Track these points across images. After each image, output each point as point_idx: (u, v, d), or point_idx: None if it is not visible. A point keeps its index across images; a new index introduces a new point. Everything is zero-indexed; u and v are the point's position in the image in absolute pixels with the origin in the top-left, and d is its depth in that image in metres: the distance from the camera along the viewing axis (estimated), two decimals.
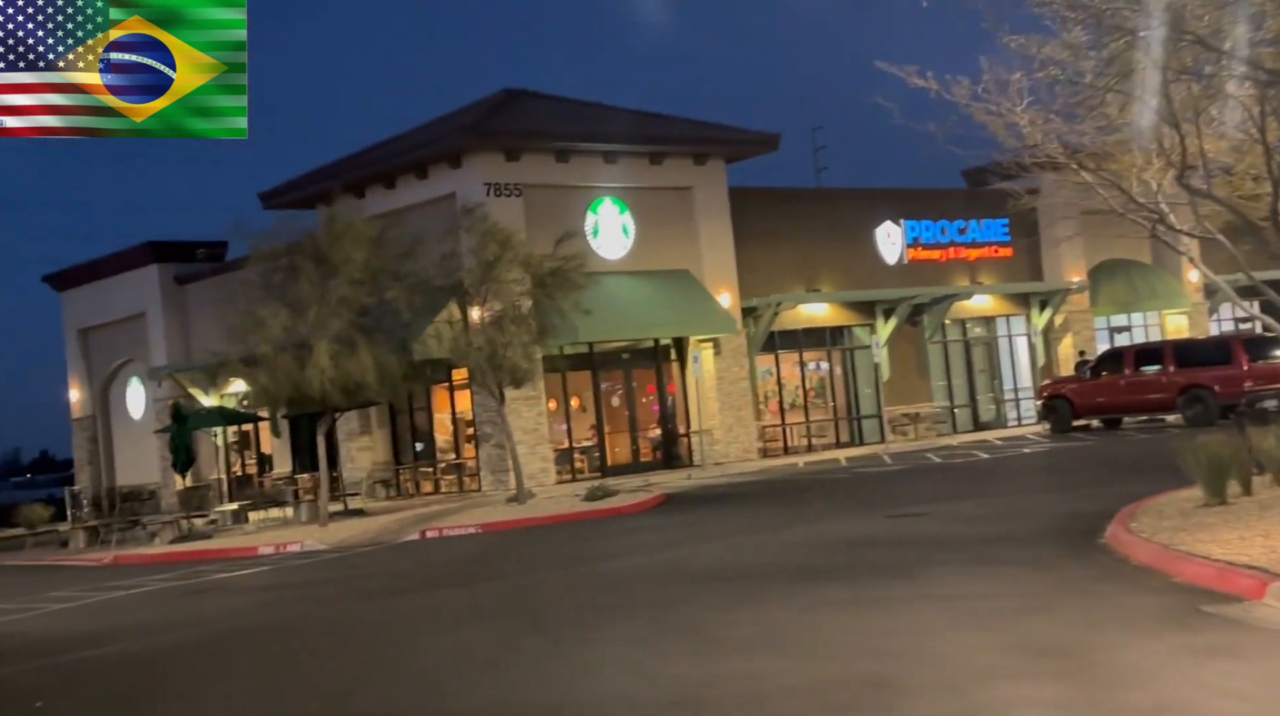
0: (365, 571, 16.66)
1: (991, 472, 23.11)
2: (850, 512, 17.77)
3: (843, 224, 34.80)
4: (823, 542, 14.41)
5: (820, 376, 35.04)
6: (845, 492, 21.57)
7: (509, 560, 16.40)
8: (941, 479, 22.57)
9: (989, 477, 22.15)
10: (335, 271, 22.60)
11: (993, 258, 37.38)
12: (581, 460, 31.46)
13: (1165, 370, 29.99)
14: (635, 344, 31.91)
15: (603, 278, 30.16)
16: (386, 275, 23.46)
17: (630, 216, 31.02)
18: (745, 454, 32.12)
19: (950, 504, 17.59)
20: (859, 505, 18.89)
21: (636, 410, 31.90)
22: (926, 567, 11.45)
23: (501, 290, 23.66)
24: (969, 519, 15.60)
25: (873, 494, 20.75)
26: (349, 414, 31.75)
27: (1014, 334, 37.96)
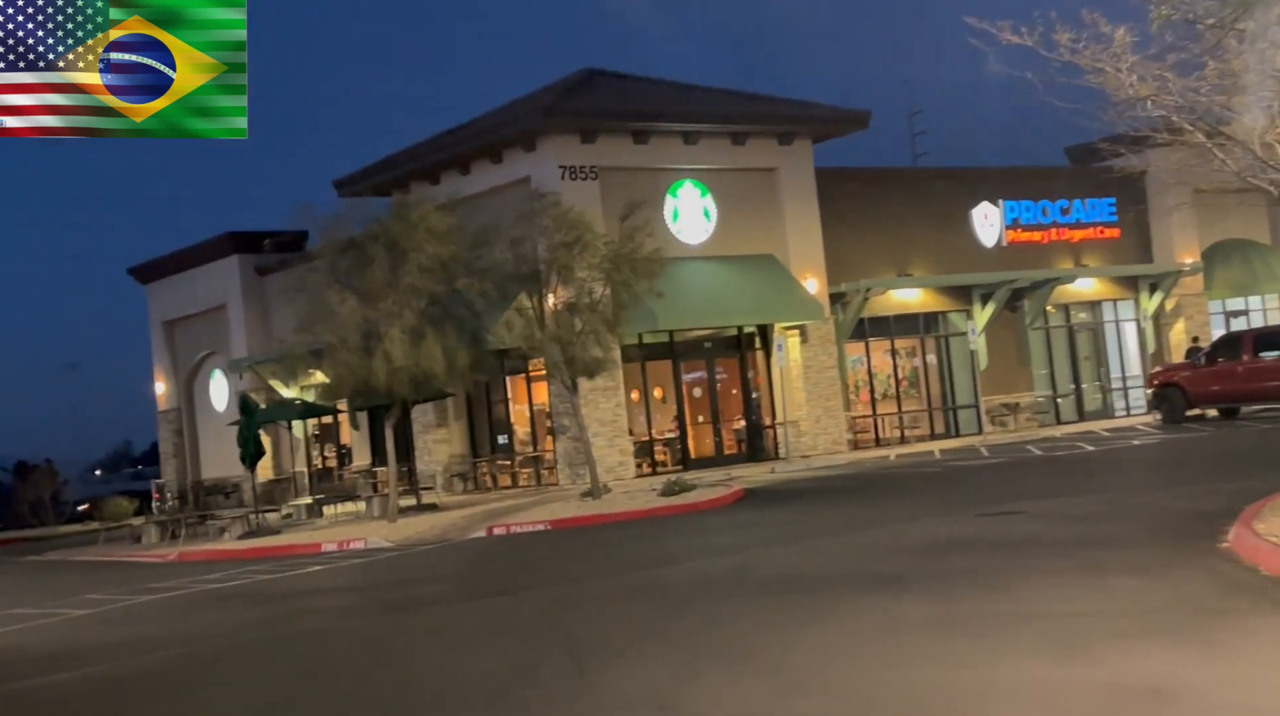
0: (412, 575, 15.74)
1: (1097, 466, 21.49)
2: (940, 510, 16.39)
3: (936, 205, 33.15)
4: (906, 545, 13.10)
5: (913, 365, 33.46)
6: (937, 488, 20.15)
7: (565, 562, 15.35)
8: (1042, 473, 21.02)
9: (1094, 472, 20.55)
10: (405, 259, 21.76)
11: (1098, 239, 35.39)
12: (663, 453, 30.36)
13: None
14: (718, 332, 30.70)
15: (683, 264, 29.04)
16: (458, 264, 22.57)
17: (712, 199, 29.79)
18: (834, 446, 30.73)
19: (1050, 501, 16.12)
20: (950, 502, 17.49)
21: (720, 401, 30.68)
22: (1021, 577, 10.12)
23: (574, 277, 22.60)
24: (1071, 518, 14.15)
25: (966, 489, 19.31)
26: (425, 406, 31.07)
27: (1121, 319, 35.94)
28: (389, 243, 21.65)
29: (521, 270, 22.85)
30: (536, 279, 22.93)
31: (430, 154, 29.88)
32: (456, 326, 23.08)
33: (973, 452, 26.83)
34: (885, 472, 24.28)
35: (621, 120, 28.07)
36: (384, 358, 21.61)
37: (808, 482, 23.60)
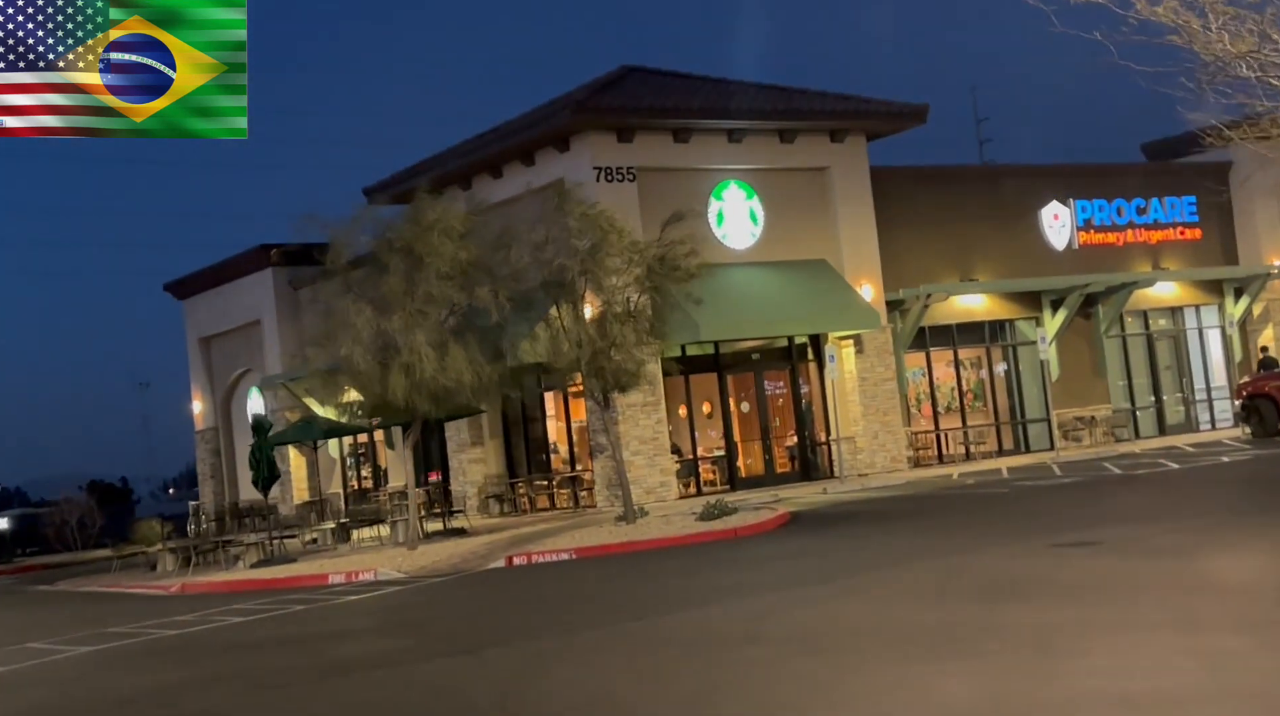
0: (391, 619, 14.05)
1: (1183, 487, 19.31)
2: (1005, 539, 14.41)
3: (1002, 205, 31.02)
4: (962, 586, 11.18)
5: (979, 376, 31.30)
6: (1003, 511, 18.11)
7: (567, 604, 13.59)
8: (1121, 494, 18.89)
9: (1181, 493, 18.39)
10: (422, 265, 20.19)
11: (1178, 240, 33.00)
12: (710, 471, 28.53)
13: None
14: (768, 343, 28.82)
15: (728, 269, 27.26)
16: (480, 270, 20.97)
17: (758, 201, 27.95)
18: (893, 464, 28.68)
19: (1132, 528, 14.09)
20: (1018, 528, 15.49)
21: (769, 416, 28.78)
22: (1094, 637, 8.19)
23: (604, 283, 20.87)
24: (1157, 552, 12.14)
25: (1036, 513, 17.27)
26: (459, 424, 29.53)
27: (1205, 326, 33.47)
28: (404, 248, 20.09)
29: (548, 276, 21.15)
30: (564, 286, 21.22)
31: (460, 158, 28.36)
32: (481, 338, 21.47)
33: (1044, 471, 24.67)
34: (947, 493, 22.24)
35: (660, 117, 26.35)
36: (401, 371, 20.02)
37: (861, 505, 21.64)
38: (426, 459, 32.06)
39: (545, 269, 20.88)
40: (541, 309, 21.83)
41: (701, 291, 25.31)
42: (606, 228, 20.42)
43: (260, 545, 23.42)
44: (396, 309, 20.07)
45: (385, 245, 20.43)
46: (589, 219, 20.57)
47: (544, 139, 26.53)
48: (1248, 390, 28.24)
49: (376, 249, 20.65)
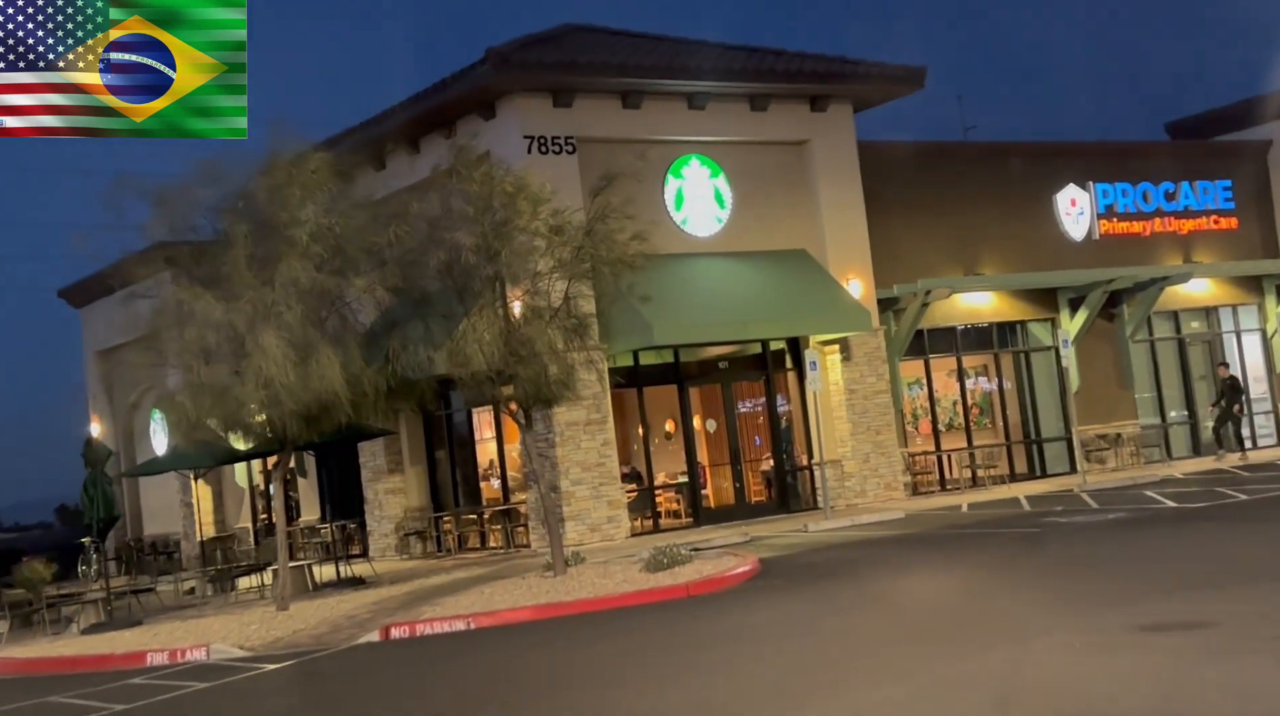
0: None
1: (1268, 525, 14.83)
2: (1064, 611, 9.96)
3: (1012, 188, 26.61)
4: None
5: (986, 387, 26.82)
6: (1040, 562, 13.61)
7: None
8: (1194, 537, 14.42)
9: (1269, 532, 13.91)
10: (279, 238, 15.65)
11: (1212, 230, 28.63)
12: (670, 502, 23.96)
13: None
14: (739, 350, 24.30)
15: (689, 261, 22.78)
16: (362, 252, 16.43)
17: (725, 180, 23.46)
18: (888, 492, 24.14)
19: (1244, 594, 9.70)
20: (1075, 593, 11.02)
21: (741, 436, 24.23)
22: None
23: (518, 269, 16.31)
24: None
25: (1090, 566, 12.79)
26: (374, 448, 24.92)
27: (1243, 329, 29.07)
28: (255, 218, 15.56)
29: (444, 260, 16.56)
30: (467, 273, 16.61)
31: (369, 131, 23.74)
32: (371, 341, 16.91)
33: (1073, 502, 20.16)
34: (957, 532, 17.71)
35: (605, 75, 21.84)
36: (255, 381, 15.42)
37: (851, 548, 17.08)
38: (337, 489, 27.44)
39: (441, 251, 16.30)
40: (443, 304, 17.23)
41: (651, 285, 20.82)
42: (512, 191, 15.82)
43: (98, 604, 18.71)
44: (245, 298, 15.49)
45: (231, 215, 15.88)
46: (493, 184, 15.97)
47: (465, 104, 21.97)
48: None
49: (223, 220, 16.09)
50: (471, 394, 16.79)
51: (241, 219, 15.82)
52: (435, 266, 16.75)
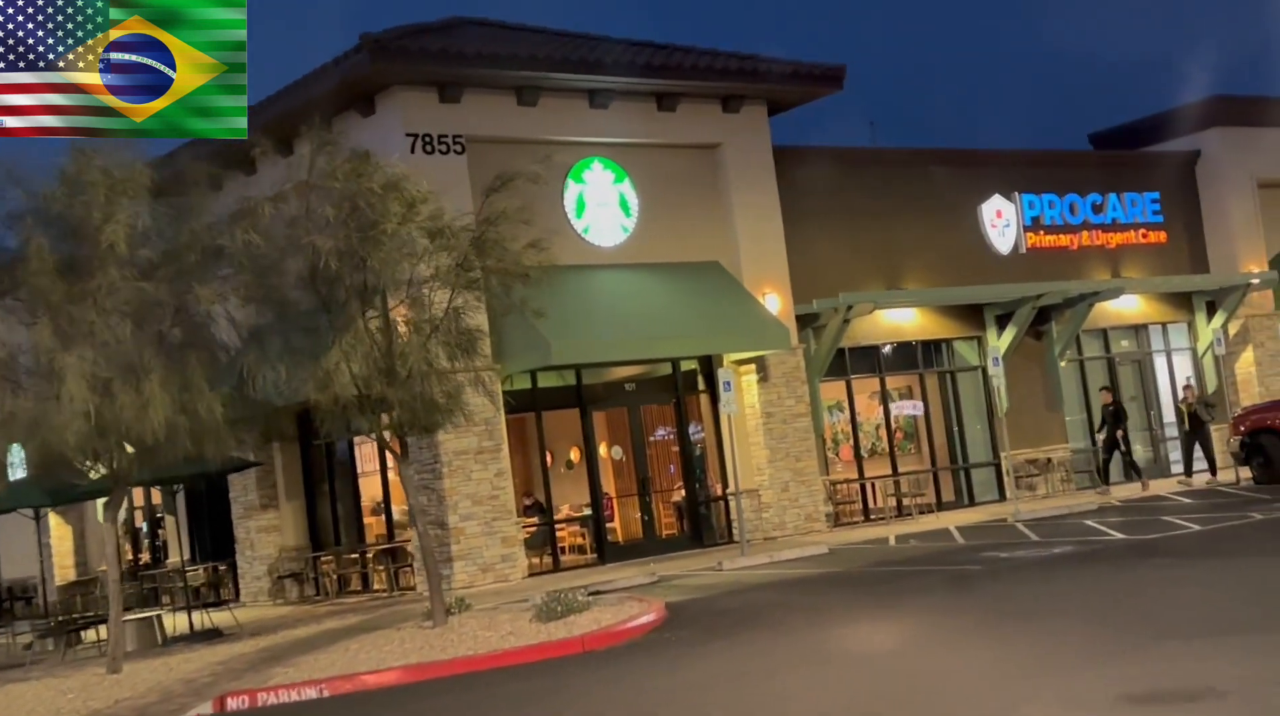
0: None
1: (1234, 557, 13.20)
2: (1027, 670, 8.12)
3: (936, 198, 25.11)
4: None
5: (910, 410, 25.20)
6: (991, 607, 11.80)
7: None
8: (1153, 573, 12.73)
9: (1242, 572, 12.25)
10: (96, 247, 13.35)
11: (1141, 244, 27.40)
12: (574, 537, 21.94)
13: None
14: (648, 371, 22.41)
15: (592, 273, 20.87)
16: (202, 254, 14.20)
17: (631, 185, 21.60)
18: (809, 523, 22.33)
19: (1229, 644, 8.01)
20: (1036, 644, 9.20)
21: (651, 464, 22.30)
22: None
23: (388, 277, 14.16)
24: None
25: (1049, 610, 11.00)
26: (245, 481, 22.55)
27: (1173, 348, 27.83)
28: (57, 219, 13.27)
29: (303, 266, 14.34)
30: (329, 282, 14.39)
31: None
32: (211, 362, 14.62)
33: (1010, 533, 18.48)
34: (888, 569, 15.89)
35: (497, 67, 19.85)
36: (69, 406, 13.08)
37: (770, 589, 15.17)
38: (207, 527, 24.97)
39: (301, 257, 14.10)
40: (309, 317, 15.00)
41: (550, 299, 18.82)
42: (380, 190, 13.68)
43: None
44: (52, 313, 13.16)
45: (34, 219, 13.51)
46: (359, 180, 13.83)
47: (341, 98, 19.81)
48: (1248, 424, 22.51)
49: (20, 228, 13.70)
50: (335, 424, 14.55)
51: (45, 224, 13.46)
52: (296, 274, 14.53)
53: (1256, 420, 22.32)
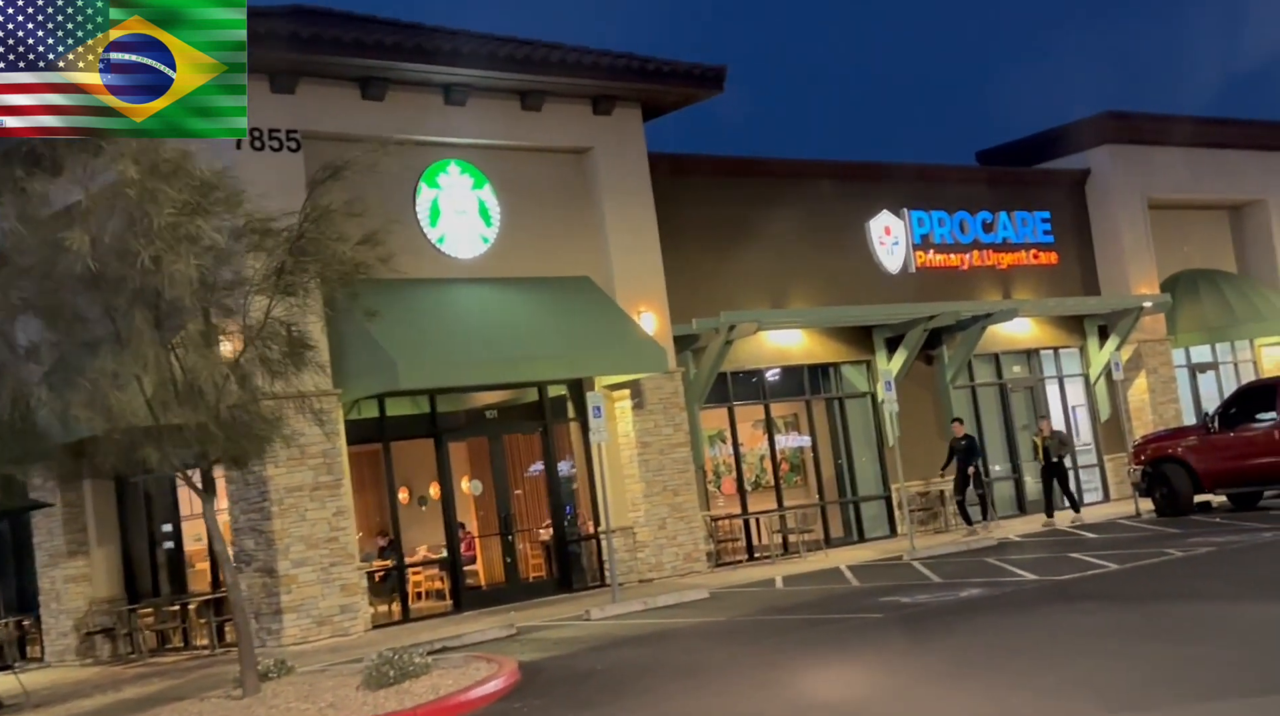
0: None
1: (1168, 602, 11.58)
2: None
3: (824, 213, 23.56)
4: None
5: (796, 440, 23.52)
6: (902, 667, 9.94)
7: None
8: (1079, 621, 11.04)
9: (1172, 615, 10.62)
10: None
11: (1032, 265, 26.23)
12: (430, 582, 19.68)
13: None
14: (514, 397, 20.35)
15: (447, 287, 18.77)
16: None
17: (492, 191, 19.56)
18: (688, 563, 20.39)
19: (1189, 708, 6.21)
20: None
21: (513, 500, 20.17)
22: None
23: (182, 282, 11.78)
24: None
25: (969, 671, 9.17)
26: (49, 524, 19.80)
27: (1066, 374, 26.66)
28: None
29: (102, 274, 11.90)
30: (131, 292, 11.98)
31: None
32: None
33: (909, 574, 16.75)
34: (777, 618, 13.99)
35: (338, 54, 17.66)
36: None
37: (643, 643, 13.14)
38: (12, 577, 22.05)
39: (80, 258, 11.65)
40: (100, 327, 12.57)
41: (398, 315, 16.81)
42: (169, 172, 11.31)
43: None
44: None
45: None
46: (155, 169, 11.45)
47: None
48: (1149, 452, 21.26)
49: None
50: (120, 458, 12.12)
51: None
52: (79, 277, 12.09)
53: (1158, 448, 21.09)
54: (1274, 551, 14.68)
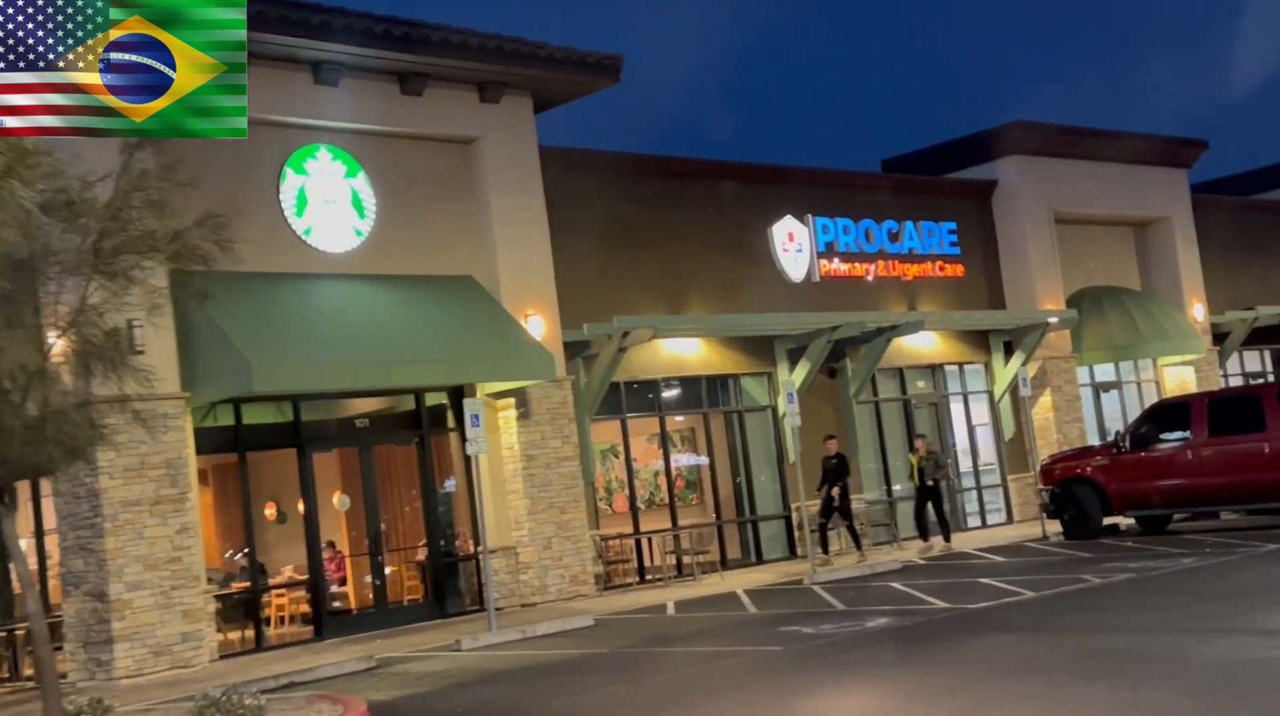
0: None
1: (1095, 635, 10.48)
2: None
3: (726, 216, 22.36)
4: None
5: (694, 456, 22.26)
6: (800, 709, 8.63)
7: None
8: (1003, 659, 9.86)
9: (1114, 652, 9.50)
10: None
11: (938, 277, 25.34)
12: (293, 606, 17.93)
13: (1268, 432, 18.02)
14: (390, 405, 18.78)
15: (316, 283, 17.17)
16: None
17: (367, 181, 17.97)
18: (575, 586, 18.93)
19: None
20: None
21: (385, 516, 18.56)
22: None
23: None
24: None
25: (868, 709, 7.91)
26: None
27: (970, 391, 25.80)
28: None
29: None
30: None
31: None
32: None
33: (810, 600, 15.53)
34: (665, 651, 12.62)
35: None
36: None
37: (515, 679, 11.67)
38: None
39: None
40: None
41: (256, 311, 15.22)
42: None
43: None
44: None
45: None
46: None
47: None
48: (1059, 472, 20.39)
49: None
50: None
51: None
52: None
53: (1067, 468, 20.23)
54: (1197, 579, 13.73)
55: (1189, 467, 18.47)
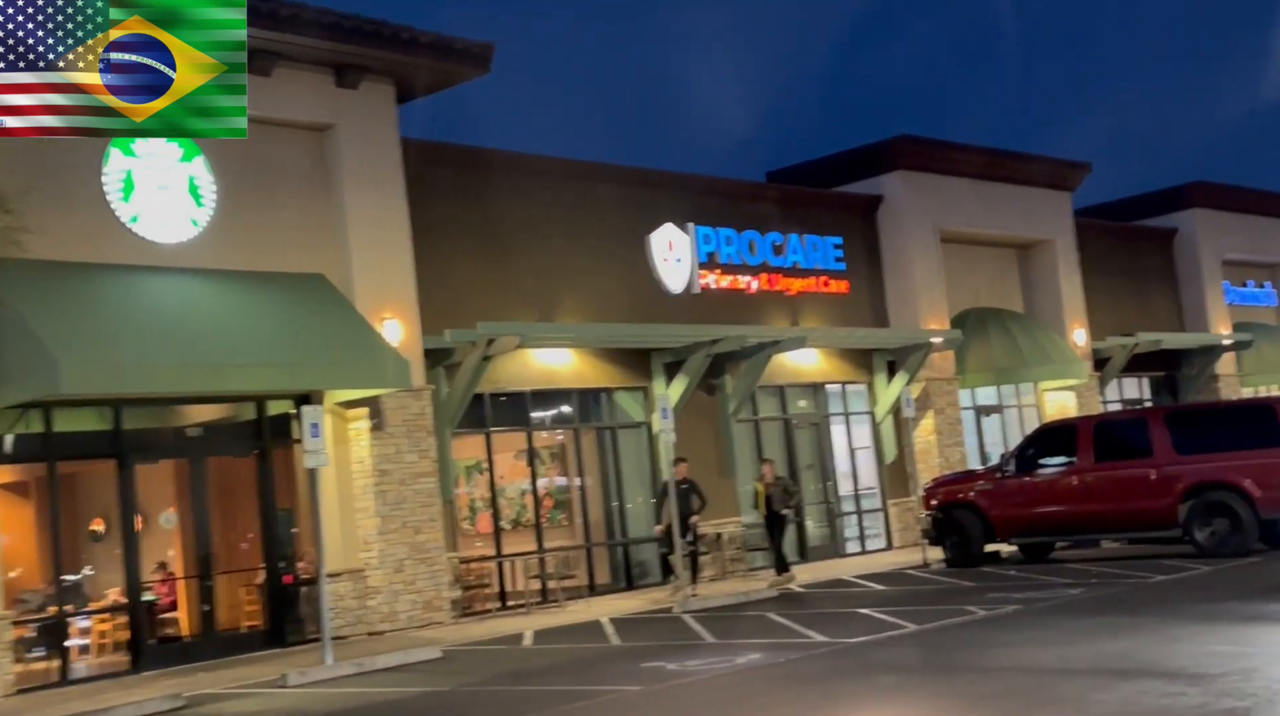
0: None
1: (990, 678, 9.45)
2: None
3: (601, 220, 21.15)
4: None
5: (561, 475, 20.97)
6: None
7: None
8: (890, 704, 8.75)
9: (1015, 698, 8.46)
10: None
11: (823, 293, 24.47)
12: (116, 633, 16.15)
13: (1155, 457, 17.39)
14: (229, 414, 17.13)
15: (143, 277, 15.54)
16: None
17: (207, 166, 16.36)
18: (429, 613, 17.47)
19: None
20: None
21: (217, 535, 16.89)
22: None
23: None
24: None
25: None
26: None
27: (852, 412, 24.95)
28: None
29: None
30: None
31: None
32: None
33: (679, 630, 14.33)
34: (512, 689, 11.30)
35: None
36: None
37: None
38: None
39: None
40: None
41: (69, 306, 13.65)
42: None
43: None
44: None
45: None
46: None
47: None
48: (940, 497, 19.57)
49: None
50: None
51: None
52: None
53: (949, 493, 19.44)
54: (1086, 613, 12.88)
55: (1074, 493, 17.78)
